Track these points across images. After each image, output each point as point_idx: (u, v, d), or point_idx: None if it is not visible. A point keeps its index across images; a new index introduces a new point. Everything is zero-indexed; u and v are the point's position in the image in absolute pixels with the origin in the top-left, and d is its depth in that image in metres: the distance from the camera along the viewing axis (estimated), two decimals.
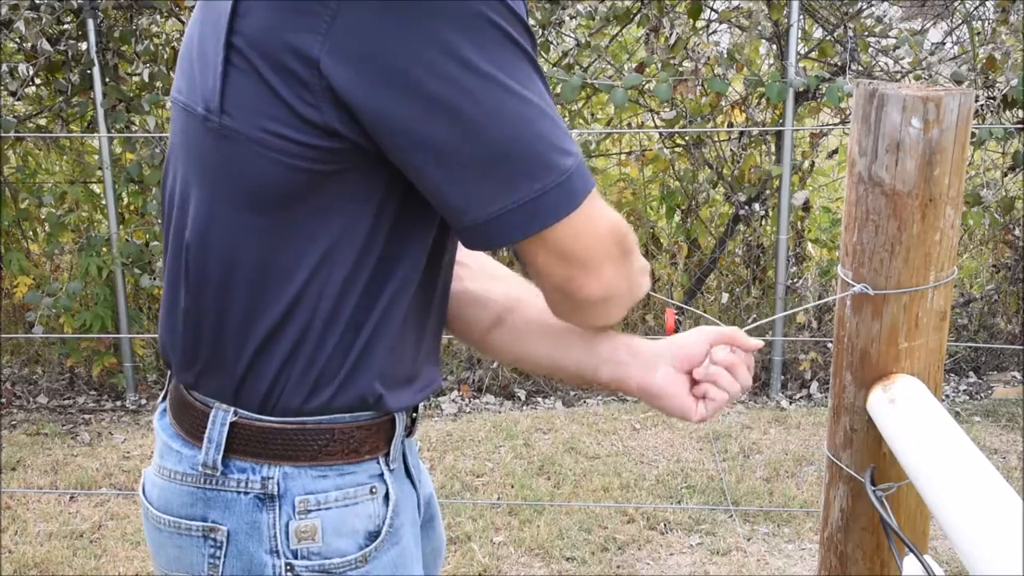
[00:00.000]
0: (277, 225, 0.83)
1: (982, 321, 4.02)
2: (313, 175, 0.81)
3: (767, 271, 3.88)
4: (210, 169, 0.85)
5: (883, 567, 1.14)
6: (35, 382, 3.85)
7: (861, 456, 1.11)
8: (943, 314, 1.08)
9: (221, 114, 0.81)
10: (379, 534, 0.92)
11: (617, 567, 2.61)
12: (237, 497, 0.89)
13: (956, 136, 1.02)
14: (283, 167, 0.81)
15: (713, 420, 3.50)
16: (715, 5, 3.86)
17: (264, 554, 0.88)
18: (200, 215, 0.87)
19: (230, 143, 0.82)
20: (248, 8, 0.79)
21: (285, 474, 0.88)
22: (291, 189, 0.82)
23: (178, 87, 0.90)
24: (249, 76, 0.79)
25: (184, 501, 0.90)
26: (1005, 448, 3.31)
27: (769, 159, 3.78)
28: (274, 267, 0.85)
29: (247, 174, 0.82)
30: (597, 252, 0.84)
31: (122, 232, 3.70)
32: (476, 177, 0.79)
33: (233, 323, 0.87)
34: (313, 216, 0.83)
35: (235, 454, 0.89)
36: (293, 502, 0.88)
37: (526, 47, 0.80)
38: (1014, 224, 3.89)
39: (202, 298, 0.88)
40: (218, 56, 0.80)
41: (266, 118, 0.79)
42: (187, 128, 0.87)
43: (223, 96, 0.81)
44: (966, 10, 3.92)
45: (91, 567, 2.62)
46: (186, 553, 0.91)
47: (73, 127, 3.81)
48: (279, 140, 0.80)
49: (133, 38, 3.60)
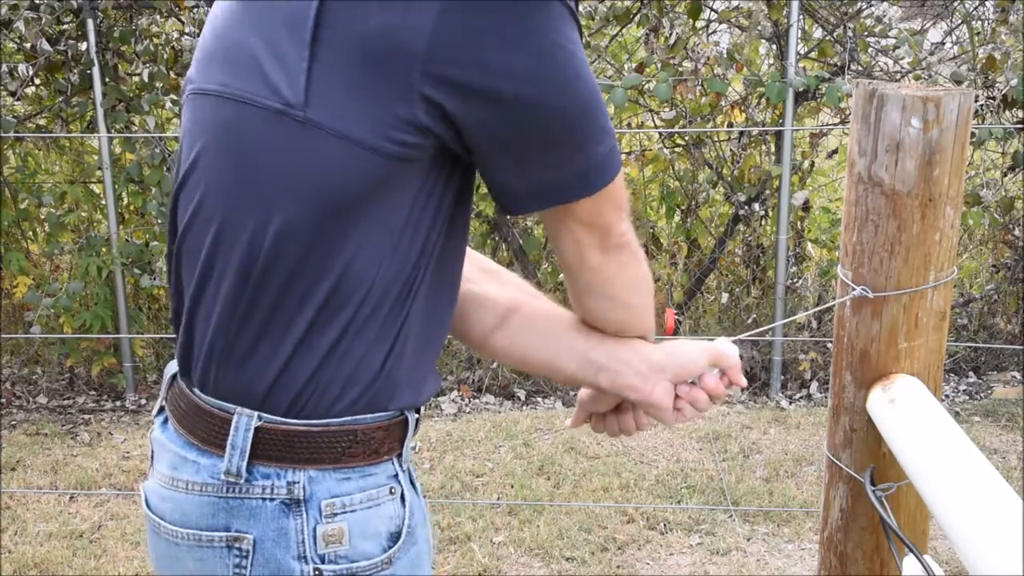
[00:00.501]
0: (338, 221, 0.83)
1: (982, 321, 4.02)
2: (388, 169, 0.82)
3: (767, 271, 3.88)
4: (270, 162, 0.84)
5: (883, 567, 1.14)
6: (35, 382, 3.85)
7: (861, 456, 1.11)
8: (943, 314, 1.08)
9: (305, 107, 0.81)
10: (400, 535, 0.92)
11: (617, 567, 2.61)
12: (263, 504, 0.87)
13: (956, 136, 1.02)
14: (361, 160, 0.81)
15: (713, 420, 3.50)
16: (715, 5, 3.86)
17: (292, 560, 0.87)
18: (251, 210, 0.85)
19: (309, 137, 0.82)
20: (340, 5, 0.80)
21: (310, 478, 0.87)
22: (360, 186, 0.82)
23: (221, 81, 0.88)
24: (337, 70, 0.80)
25: (204, 512, 0.89)
26: (1005, 448, 3.31)
27: (769, 159, 3.78)
28: (324, 262, 0.84)
29: (319, 167, 0.82)
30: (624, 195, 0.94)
31: (122, 232, 3.70)
32: (558, 149, 0.85)
33: (277, 319, 0.86)
34: (373, 214, 0.84)
35: (259, 460, 0.87)
36: (319, 506, 0.88)
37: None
38: (1014, 224, 3.89)
39: (241, 294, 0.87)
40: (303, 50, 0.81)
41: (353, 112, 0.80)
42: (240, 122, 0.85)
43: (307, 89, 0.81)
44: (966, 10, 3.92)
45: (91, 567, 2.62)
46: (208, 565, 0.89)
47: (73, 127, 3.81)
48: (365, 132, 0.81)
49: (133, 38, 3.60)
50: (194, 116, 0.91)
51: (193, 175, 0.90)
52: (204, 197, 0.89)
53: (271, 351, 0.86)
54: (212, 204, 0.88)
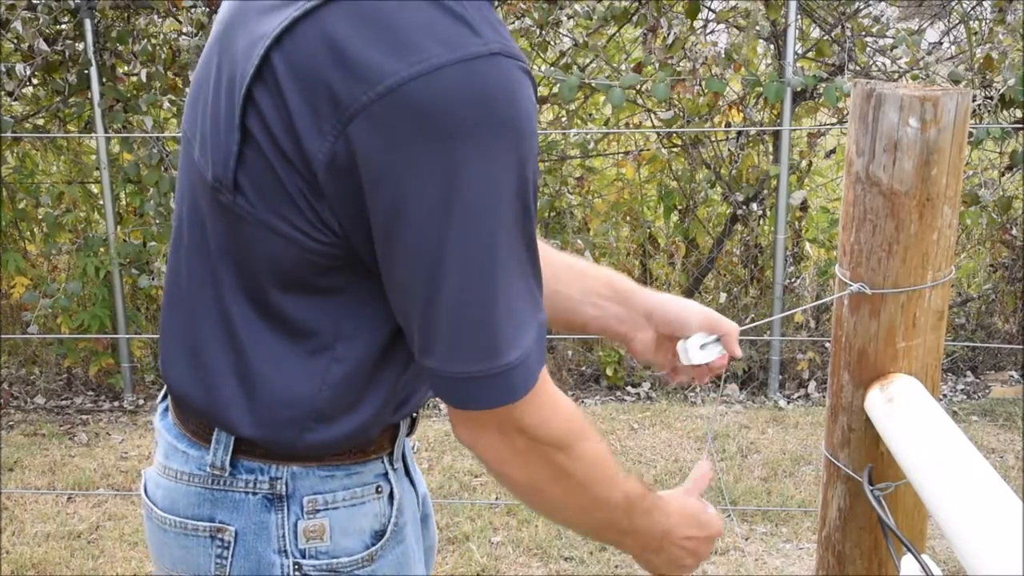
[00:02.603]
0: (299, 297, 0.83)
1: (980, 321, 4.03)
2: (319, 268, 0.81)
3: (765, 271, 3.88)
4: (219, 237, 0.84)
5: (881, 566, 1.14)
6: (32, 383, 3.84)
7: (859, 456, 1.11)
8: (940, 314, 1.08)
9: (235, 192, 0.80)
10: (384, 533, 0.92)
11: (615, 567, 2.61)
12: (245, 497, 0.88)
13: (953, 136, 1.02)
14: (296, 249, 0.80)
15: (711, 420, 3.51)
16: (713, 5, 3.86)
17: (272, 554, 0.88)
18: (208, 272, 0.86)
19: (242, 222, 0.81)
20: (262, 95, 0.77)
21: (293, 474, 0.88)
22: (305, 271, 0.81)
23: (189, 126, 0.88)
24: (261, 160, 0.78)
25: (191, 502, 0.90)
26: (1003, 447, 3.31)
27: (767, 159, 3.78)
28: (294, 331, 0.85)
29: (259, 252, 0.82)
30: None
31: (120, 232, 3.70)
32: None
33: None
34: (330, 294, 0.83)
35: (243, 455, 0.88)
36: (301, 502, 0.88)
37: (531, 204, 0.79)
38: (1011, 224, 3.90)
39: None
40: (232, 133, 0.79)
41: (277, 204, 0.79)
42: (195, 184, 0.86)
43: (236, 174, 0.80)
44: (963, 10, 3.93)
45: (89, 568, 2.61)
46: (192, 554, 0.91)
47: (70, 127, 3.81)
48: (288, 227, 0.79)
49: (131, 38, 3.60)
50: (180, 156, 0.93)
51: (179, 205, 0.92)
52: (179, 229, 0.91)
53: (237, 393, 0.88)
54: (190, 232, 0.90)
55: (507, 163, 0.74)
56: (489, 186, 0.74)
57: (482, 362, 0.78)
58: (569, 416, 0.87)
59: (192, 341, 0.88)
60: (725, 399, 3.74)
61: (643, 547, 0.99)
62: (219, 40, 0.85)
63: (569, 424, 0.87)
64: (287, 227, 0.79)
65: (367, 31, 0.73)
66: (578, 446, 0.87)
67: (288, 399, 0.86)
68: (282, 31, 0.76)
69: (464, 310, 0.77)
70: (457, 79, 0.71)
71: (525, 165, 0.76)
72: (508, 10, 3.67)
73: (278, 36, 0.76)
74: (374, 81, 0.72)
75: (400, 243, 0.76)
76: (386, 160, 0.73)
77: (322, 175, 0.76)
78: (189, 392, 0.89)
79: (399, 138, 0.72)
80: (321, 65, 0.74)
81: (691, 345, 1.07)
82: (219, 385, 0.87)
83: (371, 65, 0.72)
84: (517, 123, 0.74)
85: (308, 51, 0.74)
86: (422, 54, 0.72)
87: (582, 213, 3.94)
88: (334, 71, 0.73)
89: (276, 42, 0.76)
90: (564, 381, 3.82)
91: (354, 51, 0.73)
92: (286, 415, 0.86)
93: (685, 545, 1.00)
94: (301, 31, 0.75)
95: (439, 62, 0.71)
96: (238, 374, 0.86)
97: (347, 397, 0.86)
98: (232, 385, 0.86)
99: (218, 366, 0.87)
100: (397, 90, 0.71)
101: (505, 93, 0.73)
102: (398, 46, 0.72)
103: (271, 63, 0.76)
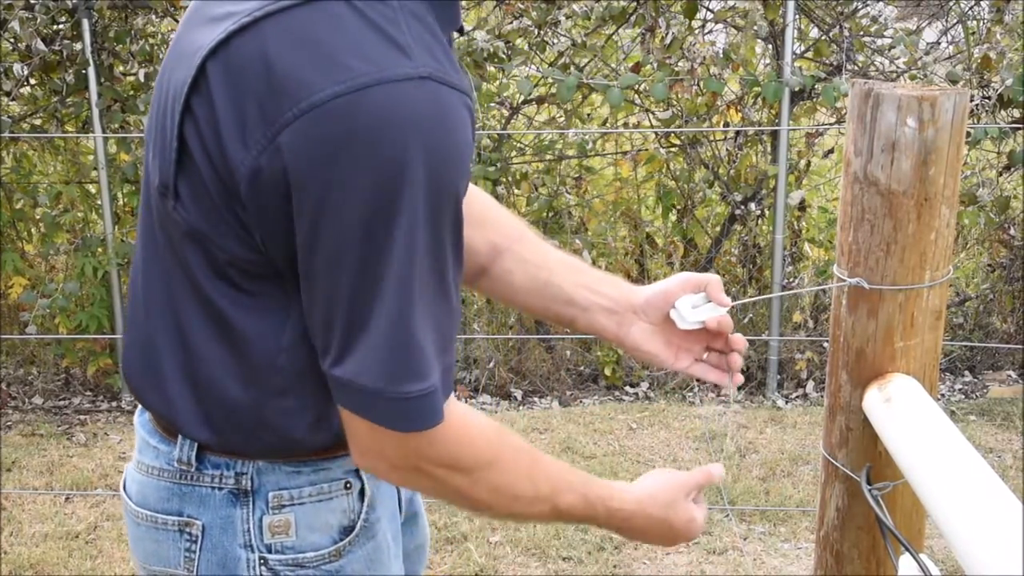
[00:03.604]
0: (235, 295, 0.84)
1: (978, 320, 4.03)
2: (252, 276, 0.83)
3: (763, 271, 3.88)
4: (169, 241, 0.85)
5: (879, 566, 1.14)
6: (30, 383, 3.84)
7: (857, 455, 1.11)
8: (939, 313, 1.08)
9: (176, 199, 0.82)
10: (353, 528, 0.92)
11: (614, 567, 2.61)
12: (212, 492, 0.89)
13: (951, 136, 1.02)
14: (226, 256, 0.82)
15: (709, 420, 3.51)
16: (711, 5, 3.86)
17: (239, 548, 0.89)
18: (160, 267, 0.88)
19: (179, 227, 0.83)
20: (198, 105, 0.79)
21: (259, 470, 0.89)
22: (239, 278, 0.83)
23: (148, 131, 0.89)
24: (195, 169, 0.80)
25: (161, 496, 0.91)
26: (1000, 447, 3.31)
27: (765, 159, 3.78)
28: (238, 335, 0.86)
29: (197, 258, 0.83)
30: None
31: (117, 232, 3.69)
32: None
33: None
34: (266, 302, 0.84)
35: (210, 450, 0.89)
36: (267, 497, 0.89)
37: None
38: (1009, 224, 3.90)
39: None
40: (172, 141, 0.81)
41: (207, 212, 0.80)
42: (150, 188, 0.87)
43: (176, 181, 0.81)
44: (961, 10, 3.93)
45: (87, 568, 2.61)
46: (163, 547, 0.92)
47: (68, 127, 3.80)
48: (216, 235, 0.81)
49: (128, 38, 3.59)
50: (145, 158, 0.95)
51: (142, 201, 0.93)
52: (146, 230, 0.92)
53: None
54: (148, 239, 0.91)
55: (424, 187, 0.74)
56: (404, 208, 0.75)
57: (390, 382, 0.79)
58: (480, 444, 0.87)
59: (147, 343, 0.90)
60: (723, 399, 3.74)
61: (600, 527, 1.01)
62: (173, 47, 0.87)
63: (476, 451, 0.87)
64: (215, 235, 0.80)
65: (298, 48, 0.74)
66: (478, 473, 0.87)
67: (234, 405, 0.86)
68: (218, 44, 0.77)
69: (376, 329, 0.77)
70: (381, 99, 0.73)
71: (440, 194, 0.76)
72: (506, 10, 3.67)
73: (214, 48, 0.77)
74: (300, 97, 0.73)
75: (320, 256, 0.77)
76: (309, 175, 0.74)
77: (244, 187, 0.77)
78: (146, 394, 0.91)
79: (322, 154, 0.74)
80: (251, 79, 0.75)
81: (681, 306, 1.08)
82: (170, 387, 0.88)
83: (299, 81, 0.73)
84: (440, 148, 0.75)
85: (241, 64, 0.76)
86: (348, 72, 0.73)
87: (580, 213, 3.94)
88: (263, 85, 0.75)
89: (212, 54, 0.77)
90: (563, 381, 3.82)
91: (283, 67, 0.74)
92: (234, 420, 0.87)
93: (646, 537, 1.02)
94: (236, 44, 0.76)
95: (364, 81, 0.73)
96: (188, 377, 0.87)
97: (291, 404, 0.87)
98: (182, 387, 0.87)
99: (169, 368, 0.88)
100: (321, 107, 0.73)
101: (429, 116, 0.74)
102: (326, 64, 0.73)
103: (206, 74, 0.78)
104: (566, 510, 0.93)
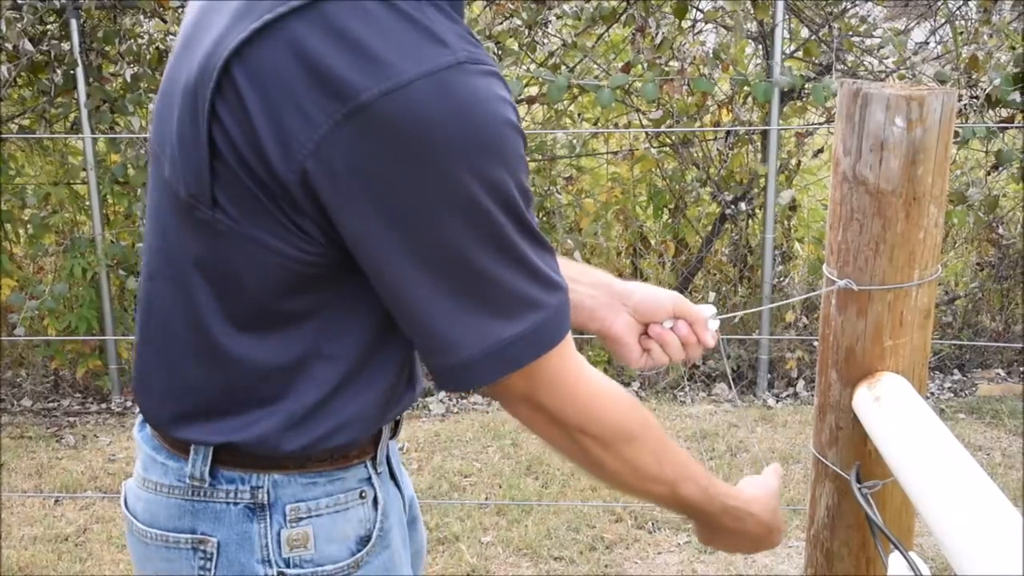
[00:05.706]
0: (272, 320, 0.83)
1: (966, 319, 4.05)
2: (306, 277, 0.80)
3: (754, 270, 3.89)
4: (195, 255, 0.82)
5: (869, 564, 1.14)
6: (19, 385, 3.82)
7: (847, 454, 1.12)
8: (927, 312, 1.08)
9: (214, 207, 0.79)
10: (370, 538, 0.91)
11: (605, 566, 2.61)
12: (227, 508, 0.87)
13: (939, 135, 1.02)
14: (281, 260, 0.79)
15: (700, 419, 3.51)
16: (701, 5, 3.87)
17: (256, 564, 0.87)
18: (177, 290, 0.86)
19: (222, 237, 0.80)
20: (224, 109, 0.75)
21: (275, 483, 0.87)
22: (291, 282, 0.81)
23: (158, 142, 0.85)
24: (234, 175, 0.77)
25: (172, 514, 0.89)
26: (989, 445, 3.33)
27: (756, 158, 3.79)
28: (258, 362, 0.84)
29: (242, 266, 0.80)
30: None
31: (107, 233, 3.68)
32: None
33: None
34: (309, 311, 0.83)
35: (223, 464, 0.87)
36: (284, 510, 0.87)
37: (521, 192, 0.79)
38: (998, 222, 3.92)
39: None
40: (201, 149, 0.77)
41: (258, 216, 0.77)
42: (165, 202, 0.85)
43: (213, 189, 0.78)
44: (949, 10, 3.95)
45: (76, 570, 2.60)
46: (175, 566, 0.89)
47: (56, 128, 3.78)
48: (272, 238, 0.78)
49: (116, 38, 3.58)
50: (150, 173, 0.90)
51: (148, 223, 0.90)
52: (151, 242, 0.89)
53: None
54: (151, 259, 0.89)
55: (486, 168, 0.74)
56: (468, 193, 0.74)
57: (512, 324, 0.79)
58: (615, 414, 0.88)
59: (169, 366, 0.88)
60: (714, 398, 3.75)
61: (701, 524, 1.03)
62: (182, 49, 0.84)
63: (608, 421, 0.88)
64: (271, 239, 0.78)
65: (334, 47, 0.72)
66: (617, 446, 0.89)
67: (271, 408, 0.85)
68: (241, 43, 0.74)
69: (455, 303, 0.78)
70: (427, 93, 0.72)
71: (504, 166, 0.76)
72: (497, 10, 3.67)
73: (237, 48, 0.74)
74: (346, 98, 0.71)
75: (398, 260, 0.76)
76: (362, 175, 0.73)
77: (296, 190, 0.75)
78: (164, 407, 0.89)
79: (373, 154, 0.72)
80: (288, 81, 0.73)
81: (710, 319, 1.10)
82: (199, 401, 0.87)
83: (341, 81, 0.72)
84: (490, 128, 0.74)
85: (273, 67, 0.73)
86: (390, 69, 0.71)
87: (572, 213, 3.95)
88: (302, 87, 0.72)
89: (235, 54, 0.74)
90: None
91: (323, 68, 0.72)
92: (271, 421, 0.86)
93: (745, 539, 1.04)
94: (264, 44, 0.74)
95: (407, 77, 0.71)
96: (222, 387, 0.86)
97: (330, 406, 0.86)
98: (215, 399, 0.86)
99: (198, 384, 0.86)
100: (369, 107, 0.71)
101: (475, 100, 0.73)
102: (366, 62, 0.72)
103: (231, 75, 0.75)
104: (684, 497, 0.95)
